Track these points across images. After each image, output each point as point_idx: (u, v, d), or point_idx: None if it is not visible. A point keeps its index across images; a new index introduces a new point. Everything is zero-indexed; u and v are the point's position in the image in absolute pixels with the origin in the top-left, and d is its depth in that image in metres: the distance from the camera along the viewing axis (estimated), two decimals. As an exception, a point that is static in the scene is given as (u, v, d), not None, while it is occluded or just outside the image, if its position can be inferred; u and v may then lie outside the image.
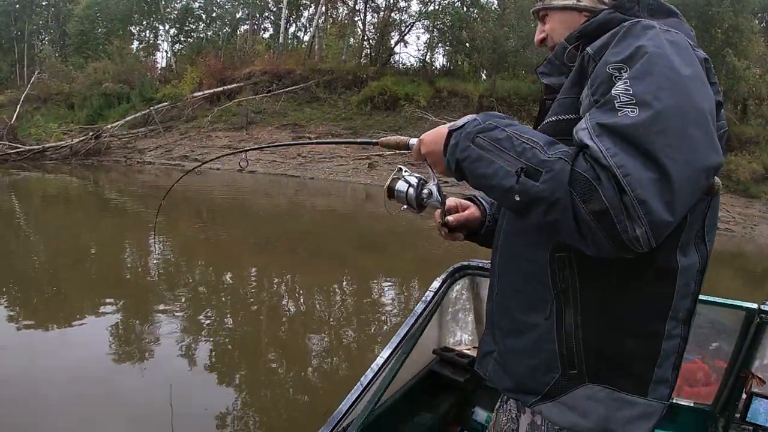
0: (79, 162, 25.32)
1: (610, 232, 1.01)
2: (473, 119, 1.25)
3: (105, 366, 4.95)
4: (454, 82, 28.85)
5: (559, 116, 1.27)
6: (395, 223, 15.20)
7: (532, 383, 1.33)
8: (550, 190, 1.05)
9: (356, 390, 2.07)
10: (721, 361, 2.55)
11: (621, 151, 1.00)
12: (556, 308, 1.28)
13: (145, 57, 42.84)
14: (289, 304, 7.52)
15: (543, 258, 1.29)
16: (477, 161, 1.19)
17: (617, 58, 1.12)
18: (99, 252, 9.69)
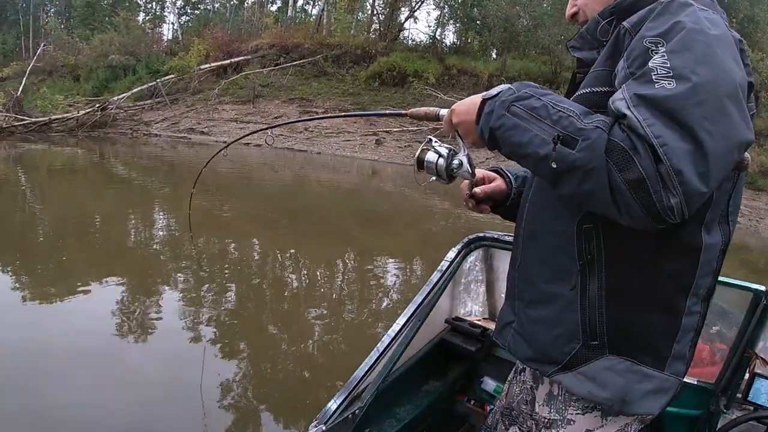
0: (85, 134, 25.30)
1: (645, 202, 1.02)
2: (508, 88, 1.25)
3: (107, 338, 4.95)
4: (464, 60, 28.58)
5: (593, 88, 1.27)
6: (401, 200, 15.15)
7: (554, 353, 1.34)
8: (587, 159, 1.06)
9: (372, 356, 2.14)
10: (722, 344, 2.59)
11: (658, 122, 1.01)
12: (581, 279, 1.29)
13: (151, 29, 42.71)
14: (292, 277, 7.56)
15: (570, 229, 1.30)
16: (512, 129, 1.19)
17: (654, 32, 1.11)
18: (103, 224, 9.71)
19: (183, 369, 4.53)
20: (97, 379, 4.18)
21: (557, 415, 1.40)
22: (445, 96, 24.34)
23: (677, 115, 1.01)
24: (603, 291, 1.27)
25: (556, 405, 1.41)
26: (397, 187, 17.49)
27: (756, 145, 20.99)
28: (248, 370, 4.72)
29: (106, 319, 5.30)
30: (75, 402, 3.87)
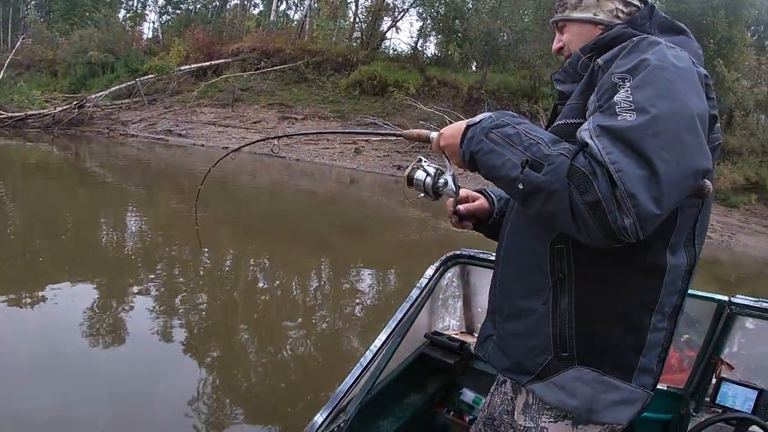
0: (61, 131, 24.97)
1: (601, 222, 1.12)
2: (488, 116, 1.38)
3: (76, 342, 4.86)
4: (444, 72, 28.80)
5: (568, 120, 1.39)
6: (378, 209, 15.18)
7: (528, 364, 1.43)
8: (550, 181, 1.17)
9: (356, 370, 2.22)
10: (690, 351, 2.77)
11: (617, 150, 1.11)
12: (553, 295, 1.39)
13: (131, 27, 42.28)
14: (266, 285, 7.46)
15: (544, 249, 1.40)
16: (489, 153, 1.31)
17: (622, 69, 1.24)
18: (75, 224, 9.55)
19: (151, 381, 4.43)
20: (63, 386, 4.08)
21: (532, 422, 1.48)
22: (425, 107, 24.52)
23: (635, 144, 1.11)
24: (573, 306, 1.37)
25: (531, 413, 1.49)
26: (375, 196, 17.53)
27: (730, 163, 21.53)
28: (220, 380, 4.65)
29: (70, 324, 5.19)
30: (39, 409, 3.76)
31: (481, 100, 25.72)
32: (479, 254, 2.95)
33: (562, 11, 1.61)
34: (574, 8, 1.58)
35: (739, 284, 13.06)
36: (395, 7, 34.59)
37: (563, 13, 1.61)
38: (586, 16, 1.56)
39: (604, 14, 1.54)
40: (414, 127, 23.23)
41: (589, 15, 1.55)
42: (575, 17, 1.58)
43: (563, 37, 1.63)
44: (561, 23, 1.63)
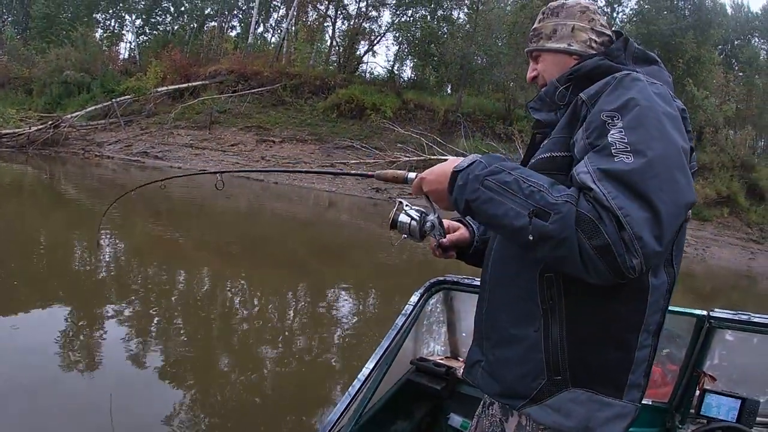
0: (36, 151, 24.68)
1: (611, 264, 1.17)
2: (477, 162, 1.40)
3: (45, 367, 4.71)
4: (421, 95, 29.03)
5: (554, 153, 1.43)
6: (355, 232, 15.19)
7: (521, 389, 1.45)
8: (559, 230, 1.20)
9: (345, 400, 2.22)
10: (673, 364, 2.81)
11: (621, 195, 1.17)
12: (544, 323, 1.42)
13: (108, 47, 41.98)
14: (241, 309, 7.31)
15: (532, 278, 1.43)
16: (487, 202, 1.32)
17: (610, 106, 1.30)
18: (48, 246, 9.37)
19: (121, 408, 4.18)
20: (32, 414, 3.97)
21: None
22: (402, 130, 24.65)
23: (636, 187, 1.17)
24: (564, 332, 1.39)
25: None
26: (354, 219, 17.54)
27: (701, 178, 22.00)
28: (197, 408, 4.55)
29: (42, 346, 5.06)
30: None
31: (458, 123, 25.98)
32: (463, 280, 3.00)
33: (537, 41, 1.67)
34: (548, 38, 1.64)
35: (714, 296, 13.31)
36: (372, 31, 34.96)
37: (537, 43, 1.66)
38: (561, 47, 1.62)
39: (578, 45, 1.60)
40: (392, 149, 23.53)
41: (563, 45, 1.61)
42: (550, 47, 1.64)
43: (538, 66, 1.68)
44: (536, 53, 1.68)
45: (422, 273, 10.45)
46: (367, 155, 23.61)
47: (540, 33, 1.67)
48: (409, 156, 22.85)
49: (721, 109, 26.34)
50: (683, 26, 27.63)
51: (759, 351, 2.79)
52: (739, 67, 34.47)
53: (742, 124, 28.37)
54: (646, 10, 30.23)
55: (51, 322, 5.75)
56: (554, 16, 1.66)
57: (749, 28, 38.05)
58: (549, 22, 1.66)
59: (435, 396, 2.99)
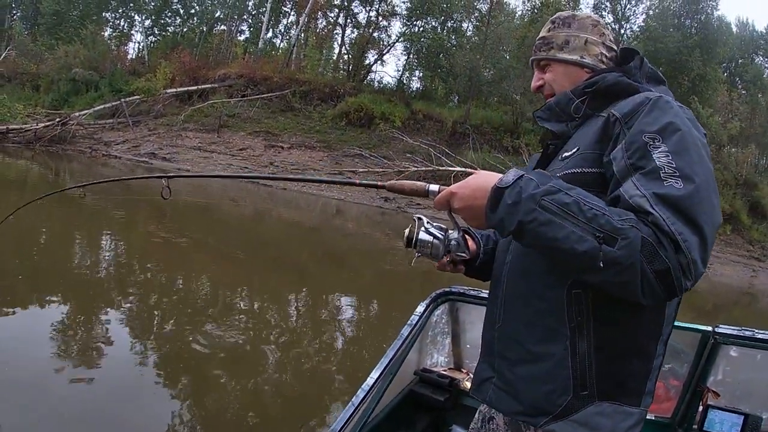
0: (43, 148, 24.67)
1: (668, 287, 1.20)
2: (527, 179, 1.31)
3: (40, 369, 4.60)
4: (429, 106, 29.12)
5: (584, 169, 1.42)
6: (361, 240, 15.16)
7: (546, 406, 1.42)
8: (627, 256, 1.18)
9: (348, 409, 2.19)
10: (676, 380, 2.80)
11: (678, 220, 1.19)
12: (571, 339, 1.40)
13: (116, 46, 42.08)
14: (242, 314, 7.18)
15: (559, 295, 1.41)
16: (546, 225, 1.25)
17: (651, 128, 1.31)
18: (48, 245, 9.29)
19: (119, 408, 4.26)
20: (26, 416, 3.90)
21: None
22: (411, 140, 24.66)
23: (689, 212, 1.20)
24: (592, 348, 1.38)
25: None
26: (361, 227, 17.51)
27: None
28: (196, 413, 4.44)
29: (38, 348, 4.99)
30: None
31: (466, 135, 26.04)
32: (469, 291, 3.01)
33: (547, 50, 1.65)
34: (560, 49, 1.63)
35: (716, 312, 13.34)
36: (381, 41, 35.05)
37: (548, 52, 1.65)
38: (574, 58, 1.61)
39: (590, 58, 1.61)
40: (401, 159, 23.53)
41: (576, 57, 1.61)
42: (561, 58, 1.63)
43: (545, 75, 1.66)
44: (544, 62, 1.67)
45: (426, 283, 10.47)
46: (375, 164, 23.60)
47: (551, 42, 1.65)
48: (418, 166, 22.84)
49: (725, 127, 26.48)
50: (690, 44, 27.83)
51: (762, 367, 2.79)
52: (743, 86, 34.70)
53: (745, 143, 28.43)
54: (653, 28, 30.39)
55: (46, 320, 5.65)
56: (566, 27, 1.65)
57: (753, 47, 38.44)
58: (560, 32, 1.65)
59: (438, 407, 2.99)
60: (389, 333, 6.75)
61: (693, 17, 30.46)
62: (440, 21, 32.66)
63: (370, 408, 2.34)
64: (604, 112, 1.47)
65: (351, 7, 36.29)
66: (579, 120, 1.56)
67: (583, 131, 1.52)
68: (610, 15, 34.09)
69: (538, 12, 30.65)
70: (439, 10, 31.37)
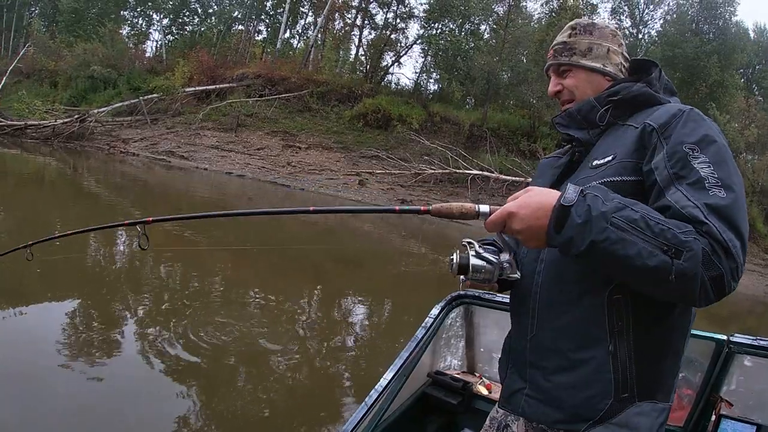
0: (61, 144, 24.85)
1: (719, 291, 1.23)
2: (591, 195, 1.27)
3: (49, 365, 4.63)
4: (446, 109, 29.05)
5: (624, 177, 1.42)
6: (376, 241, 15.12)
7: (587, 412, 1.43)
8: (692, 267, 1.20)
9: (361, 410, 2.20)
10: (688, 388, 2.76)
11: (728, 229, 1.22)
12: (611, 344, 1.41)
13: (134, 44, 42.33)
14: (254, 313, 7.13)
15: (599, 301, 1.42)
16: (618, 243, 1.22)
17: (689, 139, 1.35)
18: (63, 240, 9.31)
19: (130, 405, 4.28)
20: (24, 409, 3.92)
21: None
22: (428, 142, 24.63)
23: (733, 220, 1.24)
24: (632, 351, 1.40)
25: None
26: (377, 228, 17.47)
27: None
28: (208, 410, 4.43)
29: (48, 344, 5.00)
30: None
31: (483, 138, 25.96)
32: (484, 295, 3.00)
33: (570, 56, 1.65)
34: (583, 55, 1.63)
35: (730, 321, 13.21)
36: (398, 42, 35.05)
37: (571, 58, 1.64)
38: (597, 66, 1.62)
39: (612, 67, 1.63)
40: (417, 161, 23.52)
41: (599, 65, 1.62)
42: (585, 64, 1.63)
43: (565, 81, 1.66)
44: (565, 67, 1.66)
45: (442, 283, 10.47)
46: (392, 166, 23.59)
47: (573, 48, 1.65)
48: (434, 168, 22.84)
49: (742, 134, 26.29)
50: (708, 50, 27.66)
51: None
52: (760, 92, 34.45)
53: (762, 150, 28.21)
54: (671, 33, 30.23)
55: (57, 317, 5.69)
56: (588, 34, 1.65)
57: (771, 53, 38.05)
58: (583, 38, 1.65)
59: (450, 410, 2.99)
60: (402, 334, 6.84)
61: (711, 22, 30.21)
62: (458, 23, 32.59)
63: (383, 408, 2.35)
64: (630, 121, 1.51)
65: (368, 8, 36.35)
66: (602, 128, 1.58)
67: (612, 140, 1.53)
68: (628, 19, 34.03)
69: (556, 16, 30.58)
70: (457, 12, 31.29)
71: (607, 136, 1.56)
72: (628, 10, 34.01)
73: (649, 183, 1.37)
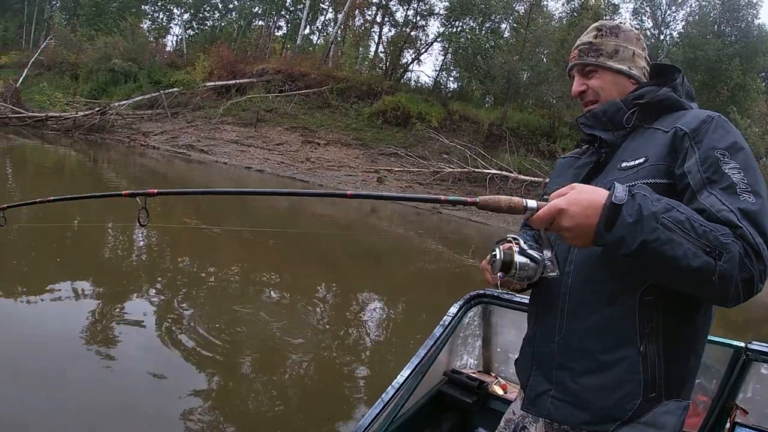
0: (81, 136, 25.05)
1: (749, 292, 1.28)
2: (640, 195, 1.28)
3: (65, 352, 4.68)
4: (466, 107, 28.98)
5: (657, 180, 1.44)
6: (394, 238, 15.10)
7: (615, 412, 1.45)
8: (730, 269, 1.24)
9: (377, 406, 2.23)
10: (703, 395, 2.74)
11: (757, 232, 1.27)
12: (642, 345, 1.43)
13: (155, 38, 42.63)
14: (273, 305, 7.16)
15: (631, 302, 1.44)
16: (667, 243, 1.23)
17: (720, 145, 1.39)
18: (81, 230, 9.25)
19: (142, 396, 4.28)
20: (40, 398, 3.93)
21: None
22: (447, 140, 24.59)
23: (762, 224, 1.29)
24: (661, 351, 1.43)
25: None
26: (394, 225, 17.46)
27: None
28: (222, 405, 4.40)
29: (63, 331, 5.08)
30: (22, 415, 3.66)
31: (502, 137, 25.89)
32: (503, 294, 2.99)
33: (596, 57, 1.65)
34: (609, 57, 1.65)
35: (746, 328, 13.14)
36: (418, 39, 35.02)
37: (597, 59, 1.65)
38: (623, 68, 1.64)
39: (637, 70, 1.65)
40: (436, 159, 23.50)
41: (625, 67, 1.64)
42: (611, 66, 1.64)
43: (590, 82, 1.67)
44: (591, 68, 1.67)
45: (460, 282, 10.49)
46: (411, 164, 23.58)
47: (600, 49, 1.66)
48: (453, 167, 22.79)
49: (763, 139, 26.04)
50: (730, 53, 27.37)
51: None
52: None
53: (782, 155, 27.94)
54: (693, 35, 29.94)
55: (75, 306, 5.74)
56: (614, 36, 1.66)
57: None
58: (609, 40, 1.66)
59: (465, 409, 3.00)
60: (417, 331, 6.85)
61: (733, 25, 29.91)
62: (479, 21, 32.50)
63: (398, 405, 2.37)
64: (656, 125, 1.55)
65: (389, 5, 36.35)
66: (628, 130, 1.61)
67: (641, 142, 1.55)
68: (649, 20, 33.70)
69: (577, 15, 30.42)
70: (478, 10, 31.20)
71: (633, 138, 1.59)
72: (650, 11, 33.67)
73: (682, 186, 1.41)
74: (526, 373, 1.70)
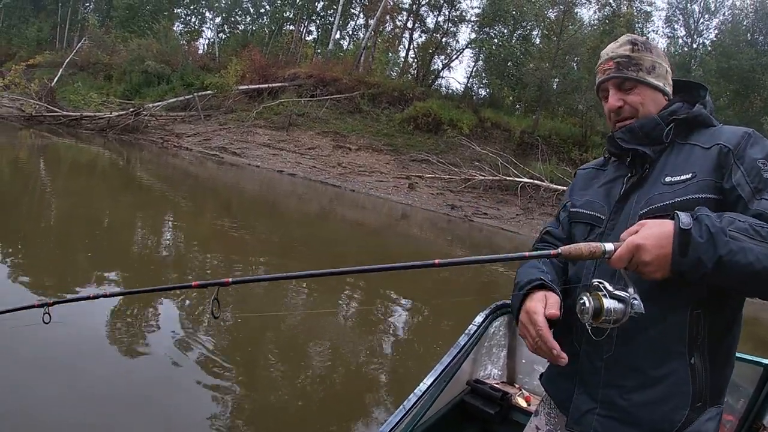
0: (115, 136, 25.40)
1: None
2: (702, 215, 1.34)
3: (88, 347, 4.73)
4: (497, 114, 28.78)
5: (707, 195, 1.48)
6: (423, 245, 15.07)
7: (665, 426, 1.48)
8: None
9: (399, 413, 2.20)
10: (729, 415, 2.70)
11: None
12: (690, 358, 1.48)
13: (187, 41, 43.07)
14: (298, 307, 7.20)
15: (682, 318, 1.48)
16: (739, 253, 1.28)
17: (759, 156, 1.48)
18: (112, 228, 9.53)
19: (161, 395, 4.33)
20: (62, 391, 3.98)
21: None
22: (478, 147, 24.51)
23: None
24: (707, 363, 1.49)
25: None
26: (424, 232, 17.43)
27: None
28: (235, 408, 4.40)
29: (89, 327, 5.09)
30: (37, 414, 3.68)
31: (534, 145, 25.71)
32: None
33: (636, 72, 1.66)
34: (648, 72, 1.66)
35: None
36: (448, 45, 35.00)
37: (637, 74, 1.66)
38: (660, 84, 1.68)
39: (669, 87, 1.71)
40: (467, 166, 23.43)
41: (661, 83, 1.68)
42: (652, 82, 1.67)
43: (629, 97, 1.67)
44: (630, 84, 1.67)
45: (483, 293, 10.42)
46: (442, 170, 23.55)
47: (640, 64, 1.67)
48: (484, 175, 22.71)
49: (793, 151, 25.67)
50: (763, 63, 27.04)
51: None
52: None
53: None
54: (726, 44, 29.58)
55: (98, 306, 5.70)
56: (648, 52, 1.68)
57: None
58: (646, 56, 1.68)
59: (487, 419, 2.97)
60: (440, 339, 6.96)
61: (766, 33, 29.63)
62: (510, 28, 32.41)
63: (420, 413, 2.35)
64: (691, 141, 1.60)
65: (420, 11, 36.38)
66: (665, 145, 1.64)
67: (683, 158, 1.59)
68: (682, 28, 33.38)
69: (610, 23, 30.17)
70: (510, 17, 31.13)
71: (670, 153, 1.62)
72: (683, 19, 33.34)
73: (732, 199, 1.46)
74: (567, 392, 1.69)
